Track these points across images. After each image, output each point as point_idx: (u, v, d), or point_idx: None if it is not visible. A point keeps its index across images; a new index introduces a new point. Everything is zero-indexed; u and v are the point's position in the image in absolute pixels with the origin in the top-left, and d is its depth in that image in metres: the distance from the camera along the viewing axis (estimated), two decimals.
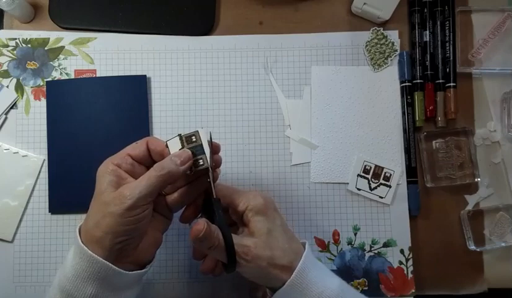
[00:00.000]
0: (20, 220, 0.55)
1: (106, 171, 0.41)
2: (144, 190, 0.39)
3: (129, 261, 0.41)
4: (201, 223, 0.39)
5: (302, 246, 0.45)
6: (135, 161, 0.43)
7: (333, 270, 0.50)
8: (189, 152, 0.42)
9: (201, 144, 0.43)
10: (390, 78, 0.58)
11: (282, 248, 0.42)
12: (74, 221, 0.56)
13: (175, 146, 0.42)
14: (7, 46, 0.58)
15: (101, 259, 0.38)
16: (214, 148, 0.44)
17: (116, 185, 0.40)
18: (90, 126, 0.56)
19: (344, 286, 0.44)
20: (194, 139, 0.43)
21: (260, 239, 0.42)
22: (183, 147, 0.42)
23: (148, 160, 0.44)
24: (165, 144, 0.43)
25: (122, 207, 0.38)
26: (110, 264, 0.39)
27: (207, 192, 0.45)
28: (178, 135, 0.43)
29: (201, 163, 0.42)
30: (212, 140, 0.44)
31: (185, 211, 0.46)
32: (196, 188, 0.45)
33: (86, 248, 0.39)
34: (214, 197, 0.43)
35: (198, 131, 0.43)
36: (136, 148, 0.43)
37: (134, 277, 0.41)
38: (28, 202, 0.56)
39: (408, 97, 0.57)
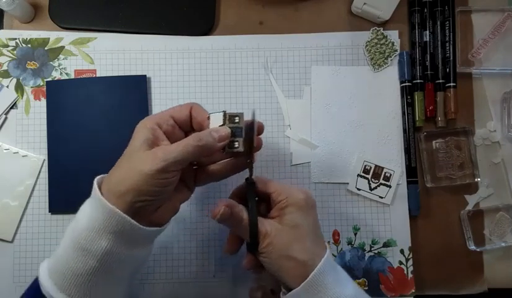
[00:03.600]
0: (20, 220, 0.55)
1: (145, 126, 0.41)
2: (179, 156, 0.39)
3: (145, 222, 0.40)
4: (219, 207, 0.41)
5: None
6: (176, 123, 0.43)
7: None
8: (229, 130, 0.42)
9: (242, 127, 0.43)
10: (390, 78, 0.58)
11: (302, 244, 0.42)
12: None
13: (216, 121, 0.43)
14: (7, 46, 0.58)
15: (120, 212, 0.38)
16: (258, 129, 0.44)
17: (152, 145, 0.40)
18: (90, 126, 0.56)
19: (358, 293, 0.43)
20: (237, 120, 0.43)
21: (283, 228, 0.42)
22: (223, 124, 0.42)
23: (188, 126, 0.44)
24: (208, 116, 0.43)
25: (153, 167, 0.38)
26: (129, 217, 0.38)
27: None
28: (223, 111, 0.43)
29: (236, 146, 0.42)
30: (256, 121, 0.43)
31: (230, 197, 0.47)
32: (230, 168, 0.45)
33: (106, 201, 0.38)
34: (250, 179, 0.44)
35: (242, 113, 0.43)
36: (180, 111, 0.43)
37: (150, 233, 0.41)
38: (28, 202, 0.56)
39: (408, 97, 0.57)
